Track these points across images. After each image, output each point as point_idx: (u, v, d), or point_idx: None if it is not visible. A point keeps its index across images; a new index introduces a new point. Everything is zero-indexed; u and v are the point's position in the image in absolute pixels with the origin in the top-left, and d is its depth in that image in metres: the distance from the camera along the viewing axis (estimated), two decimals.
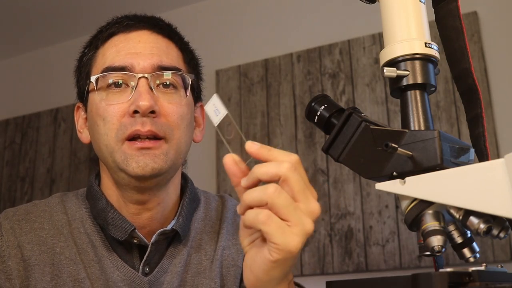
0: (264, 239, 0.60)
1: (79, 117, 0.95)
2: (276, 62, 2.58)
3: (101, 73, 0.86)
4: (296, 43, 2.57)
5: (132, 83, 0.85)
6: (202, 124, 0.97)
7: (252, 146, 0.61)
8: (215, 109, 0.65)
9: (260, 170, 0.59)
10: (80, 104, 0.94)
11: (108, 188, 0.90)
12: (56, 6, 2.90)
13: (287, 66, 2.56)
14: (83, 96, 0.91)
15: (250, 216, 0.59)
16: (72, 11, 2.94)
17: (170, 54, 0.90)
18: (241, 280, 0.94)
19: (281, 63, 2.57)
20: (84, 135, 0.93)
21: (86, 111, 0.91)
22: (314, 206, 0.60)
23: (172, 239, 0.91)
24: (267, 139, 2.49)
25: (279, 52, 2.60)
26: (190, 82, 0.89)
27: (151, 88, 0.84)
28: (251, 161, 0.63)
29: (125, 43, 0.88)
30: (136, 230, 0.86)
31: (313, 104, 0.73)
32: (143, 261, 0.87)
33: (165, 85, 0.86)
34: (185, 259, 0.90)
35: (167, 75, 0.86)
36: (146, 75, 0.84)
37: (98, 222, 0.88)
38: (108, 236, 0.88)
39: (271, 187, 0.58)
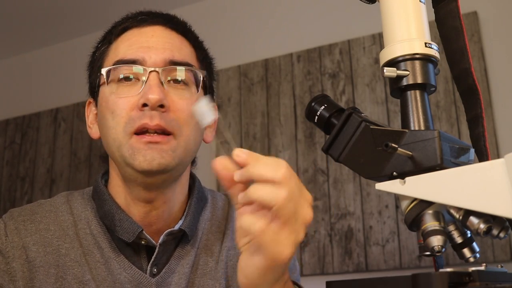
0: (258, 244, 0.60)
1: (90, 112, 0.94)
2: (276, 62, 2.58)
3: (112, 65, 0.86)
4: (296, 43, 2.57)
5: (143, 77, 0.84)
6: (214, 124, 0.95)
7: (240, 155, 0.61)
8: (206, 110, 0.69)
9: (256, 172, 0.60)
10: (91, 100, 0.93)
11: (116, 185, 0.89)
12: (56, 6, 2.90)
13: (287, 66, 2.55)
14: (94, 90, 0.91)
15: (247, 221, 0.59)
16: (72, 11, 2.94)
17: (183, 50, 0.89)
18: None
19: (281, 63, 2.57)
20: (93, 131, 0.93)
21: (96, 106, 0.91)
22: (308, 213, 0.61)
23: (180, 239, 0.90)
24: (267, 139, 2.49)
25: (279, 52, 2.59)
26: (202, 79, 0.88)
27: (161, 83, 0.83)
28: None
29: (138, 37, 0.87)
30: (144, 232, 0.85)
31: (313, 104, 0.73)
32: (151, 262, 0.86)
33: (176, 81, 0.85)
34: (193, 260, 0.89)
35: (179, 70, 0.85)
36: (157, 69, 0.83)
37: (104, 223, 0.87)
38: (115, 237, 0.87)
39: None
